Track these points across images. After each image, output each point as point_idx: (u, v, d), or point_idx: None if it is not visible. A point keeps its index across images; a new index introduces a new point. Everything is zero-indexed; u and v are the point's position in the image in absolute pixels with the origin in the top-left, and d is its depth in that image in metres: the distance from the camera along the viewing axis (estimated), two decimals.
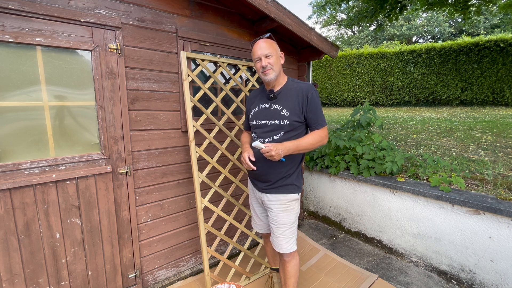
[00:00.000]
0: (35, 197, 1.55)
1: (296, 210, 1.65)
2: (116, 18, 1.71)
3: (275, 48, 1.58)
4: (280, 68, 1.60)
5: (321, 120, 1.55)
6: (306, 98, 1.54)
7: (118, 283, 1.93)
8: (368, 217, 2.84)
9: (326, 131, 1.56)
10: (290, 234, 1.64)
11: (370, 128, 3.37)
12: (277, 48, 1.60)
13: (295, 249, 1.67)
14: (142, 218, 2.00)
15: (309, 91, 1.54)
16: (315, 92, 1.55)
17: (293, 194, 1.61)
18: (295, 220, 1.66)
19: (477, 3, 5.82)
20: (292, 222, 1.64)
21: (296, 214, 1.66)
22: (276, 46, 1.60)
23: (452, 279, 2.24)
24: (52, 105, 1.59)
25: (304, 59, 2.89)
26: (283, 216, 1.61)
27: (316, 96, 1.54)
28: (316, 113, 1.54)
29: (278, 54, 1.59)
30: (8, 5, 1.38)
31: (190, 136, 1.98)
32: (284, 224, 1.62)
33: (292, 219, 1.63)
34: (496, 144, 4.10)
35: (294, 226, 1.66)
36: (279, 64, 1.58)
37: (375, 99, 11.33)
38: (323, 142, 1.55)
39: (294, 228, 1.66)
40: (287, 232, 1.63)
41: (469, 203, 2.07)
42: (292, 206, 1.62)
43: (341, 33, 24.31)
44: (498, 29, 16.95)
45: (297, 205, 1.66)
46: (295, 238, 1.67)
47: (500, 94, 8.57)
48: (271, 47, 1.56)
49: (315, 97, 1.54)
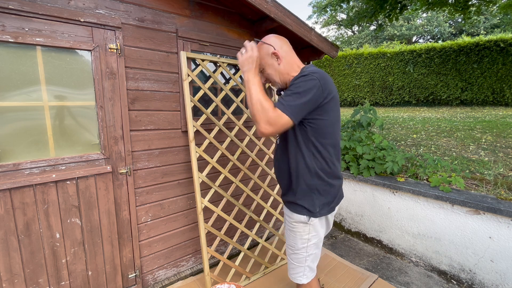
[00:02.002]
0: (35, 197, 1.55)
1: (303, 236, 1.33)
2: (116, 18, 1.71)
3: (263, 53, 1.31)
4: (280, 67, 1.31)
5: (284, 100, 1.14)
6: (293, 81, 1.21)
7: (118, 283, 1.93)
8: (368, 217, 2.84)
9: (276, 118, 1.10)
10: (295, 261, 1.39)
11: (370, 128, 3.37)
12: (266, 51, 1.31)
13: (303, 283, 1.40)
14: (142, 218, 2.00)
15: (301, 74, 1.21)
16: (306, 76, 1.16)
17: (298, 215, 1.32)
18: (302, 248, 1.35)
19: (477, 3, 5.82)
20: (296, 248, 1.37)
21: (302, 241, 1.34)
22: (263, 51, 1.31)
23: (452, 279, 2.24)
24: (52, 105, 1.59)
25: (304, 59, 2.89)
26: (288, 235, 1.41)
27: (303, 80, 1.16)
28: (287, 90, 1.19)
29: (269, 58, 1.31)
30: (8, 5, 1.38)
31: (190, 136, 1.98)
32: (289, 245, 1.41)
33: (297, 244, 1.36)
34: (496, 144, 4.10)
35: (300, 254, 1.36)
36: (275, 66, 1.31)
37: (375, 99, 11.33)
38: (259, 119, 1.11)
39: (300, 257, 1.37)
40: (292, 256, 1.40)
41: (469, 203, 2.07)
42: (297, 229, 1.34)
43: (341, 33, 24.32)
44: (498, 29, 16.95)
45: (305, 231, 1.32)
46: (302, 271, 1.39)
47: (500, 94, 8.57)
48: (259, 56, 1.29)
49: (299, 80, 1.17)
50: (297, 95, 1.13)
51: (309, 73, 1.17)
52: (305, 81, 1.15)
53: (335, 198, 1.35)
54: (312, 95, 1.14)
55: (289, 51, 1.33)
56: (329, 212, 1.34)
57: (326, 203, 1.31)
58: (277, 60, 1.30)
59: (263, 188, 2.41)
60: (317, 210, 1.29)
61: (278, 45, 1.31)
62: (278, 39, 1.33)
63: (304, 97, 1.13)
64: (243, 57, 1.24)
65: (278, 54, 1.29)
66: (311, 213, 1.29)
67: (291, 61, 1.32)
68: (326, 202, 1.31)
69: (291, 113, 1.12)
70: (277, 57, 1.30)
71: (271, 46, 1.30)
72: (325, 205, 1.31)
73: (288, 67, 1.31)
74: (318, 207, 1.29)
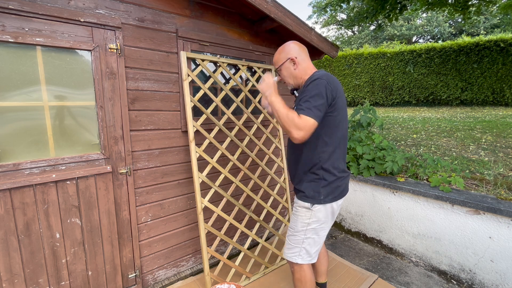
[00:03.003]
0: (35, 197, 1.55)
1: (304, 220, 1.49)
2: (116, 18, 1.71)
3: (283, 57, 1.50)
4: (295, 72, 1.49)
5: (304, 106, 1.28)
6: (305, 86, 1.39)
7: (118, 283, 1.93)
8: (368, 217, 2.84)
9: (303, 122, 1.25)
10: (293, 242, 1.54)
11: (370, 128, 3.37)
12: (285, 55, 1.50)
13: (298, 263, 1.54)
14: (142, 218, 2.00)
15: (311, 79, 1.37)
16: (315, 81, 1.33)
17: (303, 202, 1.49)
18: (301, 230, 1.50)
19: (477, 3, 5.82)
20: (296, 230, 1.52)
21: (302, 224, 1.49)
22: (284, 54, 1.50)
23: (452, 279, 2.24)
24: (52, 105, 1.59)
25: None
26: (291, 218, 1.57)
27: (313, 84, 1.32)
28: (303, 97, 1.32)
29: (288, 61, 1.49)
30: (8, 5, 1.38)
31: (190, 136, 1.98)
32: (290, 227, 1.56)
33: (297, 226, 1.51)
34: (496, 144, 4.10)
35: (298, 236, 1.51)
36: (290, 69, 1.49)
37: (375, 99, 11.33)
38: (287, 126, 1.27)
39: (298, 239, 1.52)
40: (291, 237, 1.55)
41: (469, 203, 2.07)
42: (300, 213, 1.50)
43: (341, 33, 24.32)
44: (498, 29, 16.95)
45: (306, 216, 1.48)
46: (298, 251, 1.53)
47: (500, 94, 8.57)
48: (278, 59, 1.53)
49: (310, 86, 1.33)
50: (313, 98, 1.29)
51: (318, 78, 1.34)
52: (316, 85, 1.32)
53: (339, 188, 1.49)
54: (325, 96, 1.30)
55: (305, 58, 1.52)
56: (333, 201, 1.48)
57: (331, 192, 1.46)
58: (293, 65, 1.49)
59: (263, 188, 2.41)
60: (321, 198, 1.45)
61: (296, 52, 1.50)
62: (298, 47, 1.52)
63: (320, 99, 1.29)
64: (262, 85, 1.46)
65: (295, 61, 1.48)
66: (315, 200, 1.45)
67: (305, 66, 1.50)
68: (331, 191, 1.46)
69: (313, 115, 1.26)
70: (294, 63, 1.49)
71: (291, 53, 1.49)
72: (329, 194, 1.46)
73: (302, 71, 1.50)
74: (322, 195, 1.45)
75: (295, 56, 1.48)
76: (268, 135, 2.53)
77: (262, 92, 1.46)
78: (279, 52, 1.53)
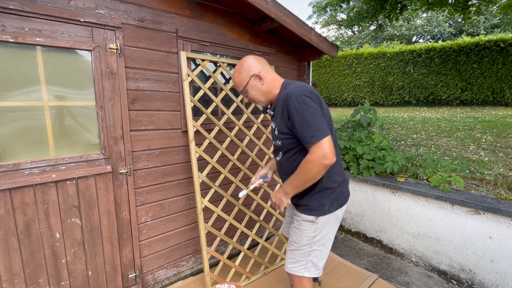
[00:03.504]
0: (35, 197, 1.55)
1: (308, 234, 1.38)
2: (116, 18, 1.71)
3: (245, 76, 1.35)
4: (264, 87, 1.36)
5: (308, 135, 1.17)
6: (287, 110, 1.24)
7: (118, 283, 1.93)
8: (368, 217, 2.84)
9: (319, 149, 1.14)
10: (298, 256, 1.42)
11: (370, 128, 3.37)
12: (247, 73, 1.35)
13: (303, 276, 1.41)
14: (142, 218, 2.00)
15: (289, 100, 1.22)
16: (298, 99, 1.19)
17: (307, 216, 1.37)
18: (306, 244, 1.39)
19: (477, 3, 5.82)
20: (301, 245, 1.41)
21: (308, 238, 1.38)
22: (245, 73, 1.35)
23: (452, 279, 2.24)
24: (52, 105, 1.59)
25: (304, 59, 2.89)
26: (293, 232, 1.45)
27: (298, 103, 1.19)
28: (300, 126, 1.19)
29: (252, 79, 1.34)
30: (8, 5, 1.38)
31: (190, 136, 1.98)
32: (293, 242, 1.44)
33: (302, 241, 1.40)
34: (496, 144, 4.10)
35: (303, 250, 1.40)
36: (258, 86, 1.36)
37: (375, 99, 11.33)
38: (316, 168, 1.16)
39: (303, 252, 1.40)
40: (295, 252, 1.43)
41: (469, 203, 2.07)
42: (304, 227, 1.39)
43: (341, 33, 24.32)
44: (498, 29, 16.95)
45: (311, 229, 1.37)
46: (304, 264, 1.41)
47: (500, 94, 8.58)
48: (240, 80, 1.37)
49: (297, 106, 1.19)
50: (310, 116, 1.17)
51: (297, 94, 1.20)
52: (303, 103, 1.19)
53: (342, 194, 1.40)
54: (315, 107, 1.19)
55: (269, 70, 1.39)
56: (338, 208, 1.39)
57: (335, 200, 1.37)
58: (260, 81, 1.35)
59: (263, 188, 2.41)
60: (326, 208, 1.35)
61: (258, 66, 1.36)
62: (256, 60, 1.38)
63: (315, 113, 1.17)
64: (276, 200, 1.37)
65: (260, 75, 1.34)
66: (320, 211, 1.34)
67: (272, 78, 1.37)
68: (335, 199, 1.37)
69: (323, 134, 1.15)
70: (260, 78, 1.35)
71: (252, 69, 1.34)
72: (334, 202, 1.36)
73: (270, 85, 1.37)
74: (327, 205, 1.35)
75: (258, 70, 1.34)
76: (268, 135, 2.53)
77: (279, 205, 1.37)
78: (238, 72, 1.37)
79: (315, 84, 3.17)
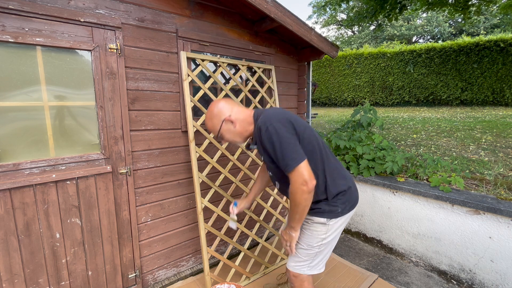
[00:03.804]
0: (35, 197, 1.55)
1: (319, 235, 1.39)
2: (116, 18, 1.71)
3: (216, 122, 1.34)
4: (238, 129, 1.35)
5: (283, 164, 1.19)
6: (260, 143, 1.27)
7: (118, 283, 1.93)
8: (368, 217, 2.84)
9: (297, 177, 1.16)
10: (304, 256, 1.43)
11: (370, 128, 3.37)
12: (218, 119, 1.34)
13: (303, 274, 1.44)
14: (142, 218, 2.00)
15: (260, 133, 1.23)
16: (268, 130, 1.20)
17: (318, 218, 1.38)
18: (316, 246, 1.41)
19: (477, 3, 5.82)
20: (310, 246, 1.41)
21: (318, 240, 1.39)
22: (216, 119, 1.34)
23: (452, 279, 2.24)
24: (52, 105, 1.59)
25: (304, 59, 2.89)
26: (303, 233, 1.44)
27: (269, 135, 1.20)
28: (275, 156, 1.21)
29: (224, 123, 1.34)
30: (8, 5, 1.38)
31: (190, 136, 1.98)
32: (301, 243, 1.44)
33: (312, 242, 1.40)
34: (496, 144, 4.10)
35: (312, 251, 1.41)
36: (232, 130, 1.35)
37: (375, 99, 11.34)
38: (300, 196, 1.18)
39: (311, 253, 1.42)
40: (302, 251, 1.43)
41: (469, 203, 2.07)
42: (316, 228, 1.39)
43: (341, 33, 24.33)
44: (498, 29, 16.95)
45: (322, 231, 1.38)
46: (307, 264, 1.43)
47: (500, 94, 8.58)
48: (213, 126, 1.36)
49: (268, 137, 1.20)
50: (282, 146, 1.18)
51: (266, 125, 1.21)
52: (272, 134, 1.19)
53: (352, 195, 1.42)
54: (287, 133, 1.20)
55: (239, 109, 1.37)
56: (350, 209, 1.40)
57: (347, 201, 1.38)
58: (232, 124, 1.35)
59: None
60: (339, 211, 1.36)
61: (228, 108, 1.35)
62: (225, 102, 1.37)
63: (287, 142, 1.18)
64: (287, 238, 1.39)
65: (231, 119, 1.34)
66: (333, 214, 1.35)
67: (243, 118, 1.36)
68: (347, 200, 1.38)
69: (298, 160, 1.16)
70: (232, 122, 1.34)
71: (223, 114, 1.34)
72: (346, 203, 1.38)
73: (244, 124, 1.36)
74: (340, 208, 1.36)
75: (229, 114, 1.33)
76: None
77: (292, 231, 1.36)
78: (209, 118, 1.36)
79: (315, 84, 3.17)
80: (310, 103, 3.05)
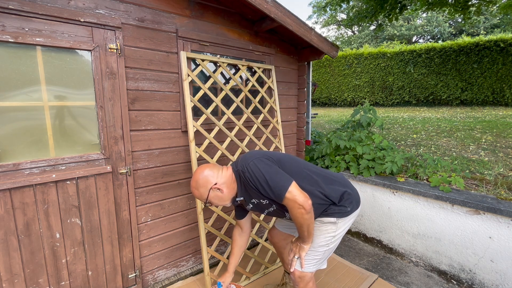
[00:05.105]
0: (35, 197, 1.55)
1: (328, 234, 1.44)
2: (116, 18, 1.71)
3: (203, 191, 1.35)
4: (225, 194, 1.37)
5: (275, 195, 1.25)
6: (249, 186, 1.32)
7: (118, 283, 1.93)
8: (368, 217, 2.84)
9: (291, 202, 1.22)
10: (312, 254, 1.46)
11: (370, 128, 3.37)
12: (205, 188, 1.34)
13: (309, 272, 1.47)
14: (142, 218, 2.00)
15: (244, 176, 1.31)
16: (249, 168, 1.28)
17: (329, 218, 1.44)
18: (324, 245, 1.46)
19: (477, 3, 5.82)
20: (318, 244, 1.46)
21: (326, 238, 1.45)
22: (203, 188, 1.35)
23: (452, 279, 2.24)
24: (52, 105, 1.59)
25: (304, 59, 2.89)
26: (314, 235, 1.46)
27: (252, 172, 1.27)
28: (266, 190, 1.26)
29: (211, 191, 1.35)
30: (8, 5, 1.38)
31: (190, 136, 1.98)
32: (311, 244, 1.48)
33: (320, 241, 1.45)
34: (496, 144, 4.10)
35: (320, 250, 1.46)
36: (219, 195, 1.37)
37: (375, 99, 11.34)
38: (302, 217, 1.24)
39: (319, 252, 1.46)
40: (311, 252, 1.46)
41: (469, 203, 2.07)
42: (325, 227, 1.45)
43: (341, 33, 24.33)
44: (498, 29, 16.95)
45: (332, 229, 1.44)
46: (314, 263, 1.47)
47: (500, 94, 8.58)
48: (201, 195, 1.37)
49: (253, 175, 1.28)
50: (269, 177, 1.25)
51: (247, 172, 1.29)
52: (252, 171, 1.28)
53: (354, 194, 1.50)
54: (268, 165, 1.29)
55: (222, 173, 1.38)
56: (357, 207, 1.49)
57: (354, 201, 1.47)
58: (219, 191, 1.36)
59: None
60: (348, 210, 1.44)
61: (213, 176, 1.36)
62: (209, 169, 1.37)
63: (272, 172, 1.27)
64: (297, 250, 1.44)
65: (218, 186, 1.35)
66: (342, 213, 1.43)
67: (226, 181, 1.37)
68: (353, 200, 1.47)
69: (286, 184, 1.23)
70: (219, 189, 1.35)
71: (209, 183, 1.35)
72: (353, 202, 1.46)
73: (229, 186, 1.38)
74: (349, 207, 1.44)
75: (215, 182, 1.34)
76: (268, 135, 2.53)
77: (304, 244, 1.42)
78: (195, 188, 1.36)
79: (315, 84, 3.17)
80: (310, 103, 3.05)
